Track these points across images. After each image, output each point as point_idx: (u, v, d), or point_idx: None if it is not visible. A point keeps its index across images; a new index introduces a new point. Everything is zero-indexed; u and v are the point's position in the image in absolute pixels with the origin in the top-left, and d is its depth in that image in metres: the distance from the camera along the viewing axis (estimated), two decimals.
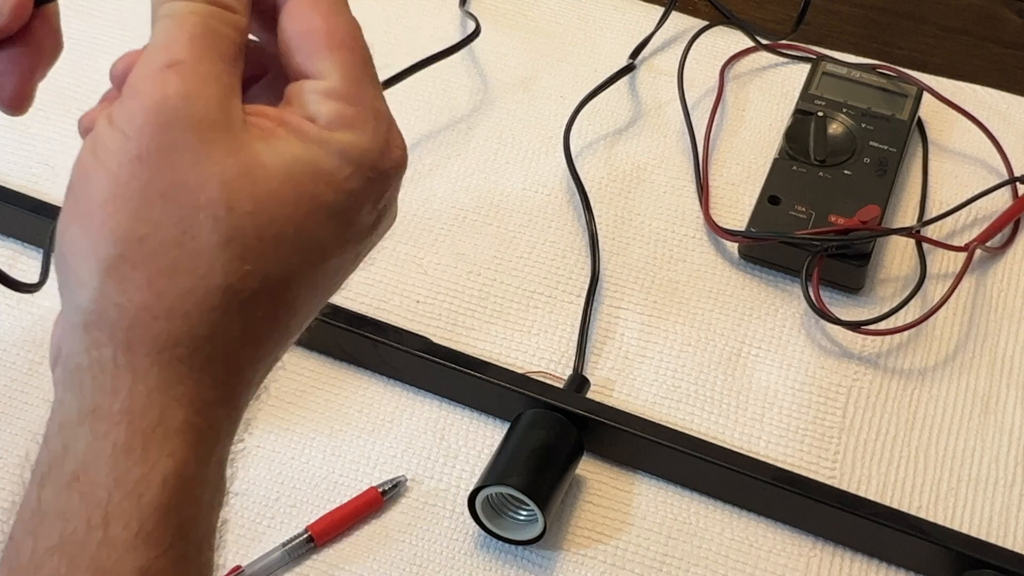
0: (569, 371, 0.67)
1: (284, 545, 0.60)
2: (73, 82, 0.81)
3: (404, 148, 0.37)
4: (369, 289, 0.71)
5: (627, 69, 0.81)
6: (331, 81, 0.35)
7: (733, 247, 0.73)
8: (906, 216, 0.75)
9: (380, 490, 0.61)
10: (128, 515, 0.32)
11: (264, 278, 0.34)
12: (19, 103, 0.41)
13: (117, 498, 0.32)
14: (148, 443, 0.33)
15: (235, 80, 0.35)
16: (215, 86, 0.33)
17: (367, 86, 0.36)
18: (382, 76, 0.38)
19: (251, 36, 0.37)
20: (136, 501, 0.32)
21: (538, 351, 0.68)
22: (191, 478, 0.33)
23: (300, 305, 0.36)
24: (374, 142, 0.35)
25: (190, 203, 0.33)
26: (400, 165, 0.36)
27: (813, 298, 0.68)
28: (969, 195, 0.74)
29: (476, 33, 0.80)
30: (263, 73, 0.40)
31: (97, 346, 0.33)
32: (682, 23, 0.85)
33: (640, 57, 0.82)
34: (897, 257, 0.73)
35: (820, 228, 0.70)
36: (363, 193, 0.35)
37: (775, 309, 0.71)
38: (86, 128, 0.37)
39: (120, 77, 0.37)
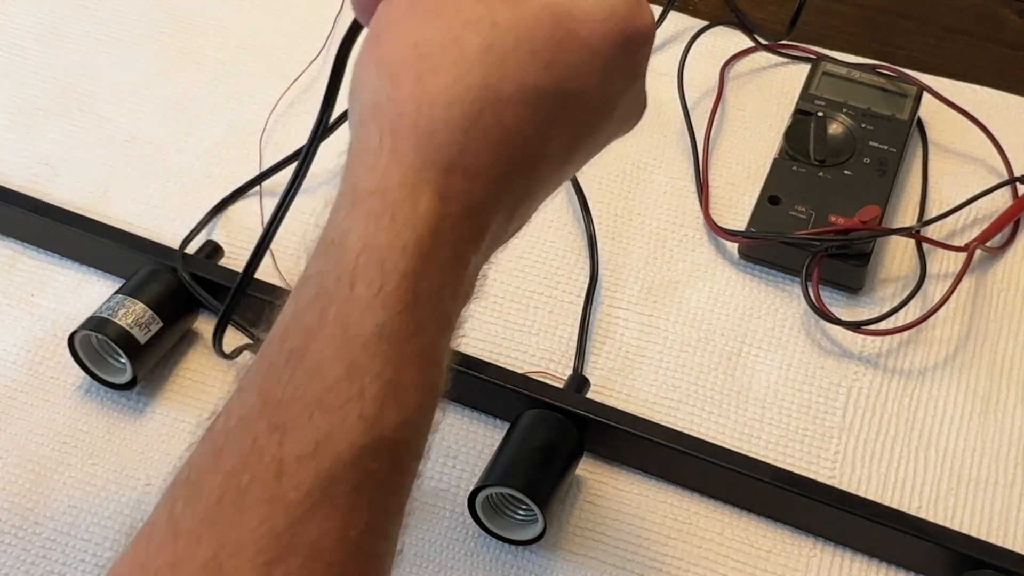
0: (569, 371, 0.67)
1: None
2: (73, 82, 0.81)
3: (653, 18, 0.41)
4: None
5: None
6: None
7: (733, 247, 0.73)
8: (906, 216, 0.75)
9: None
10: (371, 275, 0.36)
11: (519, 85, 0.37)
12: None
13: (363, 260, 0.36)
14: (396, 214, 0.36)
15: None
16: None
17: None
18: None
19: None
20: (380, 265, 0.36)
21: (538, 351, 0.68)
22: (428, 254, 0.37)
23: (557, 128, 0.39)
24: (636, 7, 0.40)
25: (460, 19, 0.38)
26: (648, 31, 0.40)
27: (813, 298, 0.69)
28: (969, 195, 0.74)
29: None
30: None
31: (368, 134, 0.38)
32: (682, 23, 0.85)
33: None
34: (897, 257, 0.73)
35: (820, 228, 0.70)
36: (614, 39, 0.39)
37: (775, 309, 0.71)
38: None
39: None
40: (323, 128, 0.48)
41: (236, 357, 0.65)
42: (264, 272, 0.71)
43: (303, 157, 0.51)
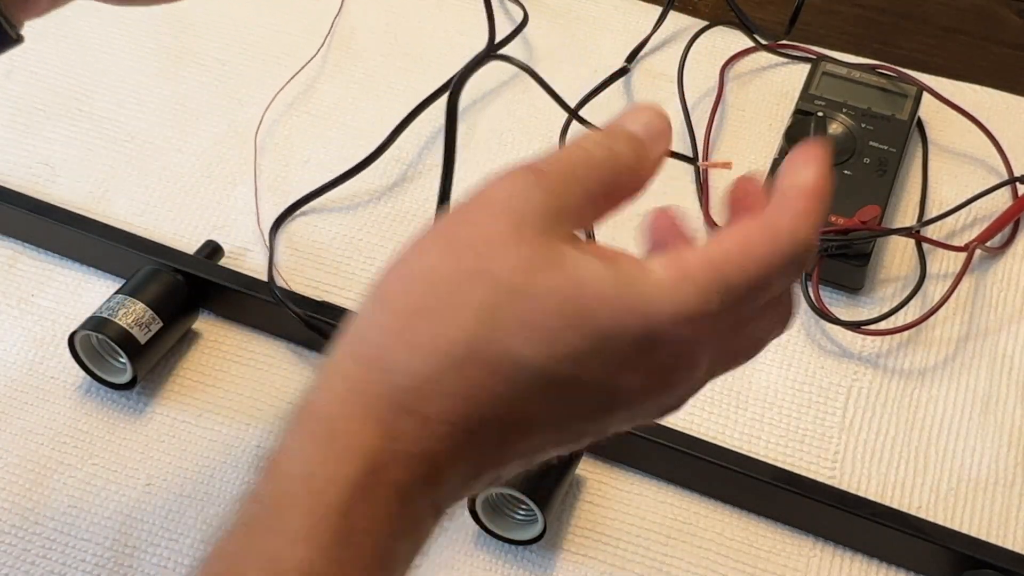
0: None
1: None
2: (73, 82, 0.81)
3: (709, 329, 0.36)
4: None
5: (621, 72, 0.81)
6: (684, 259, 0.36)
7: None
8: (906, 216, 0.75)
9: None
10: (305, 507, 0.34)
11: (500, 352, 0.35)
12: None
13: (299, 489, 0.34)
14: (336, 444, 0.35)
15: (580, 207, 0.37)
16: (544, 195, 0.36)
17: (713, 294, 0.35)
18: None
19: None
20: (316, 496, 0.34)
21: None
22: (367, 491, 0.35)
23: (531, 419, 0.36)
24: (671, 310, 0.35)
25: (473, 267, 0.35)
26: (700, 339, 0.36)
27: (813, 298, 0.69)
28: (969, 195, 0.74)
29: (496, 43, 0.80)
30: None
31: (339, 352, 0.37)
32: (682, 23, 0.85)
33: (639, 57, 0.82)
34: (897, 257, 0.73)
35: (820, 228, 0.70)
36: (634, 341, 0.35)
37: None
38: None
39: None
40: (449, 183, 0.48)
41: None
42: (261, 273, 0.71)
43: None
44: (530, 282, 0.35)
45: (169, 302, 0.66)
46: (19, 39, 0.48)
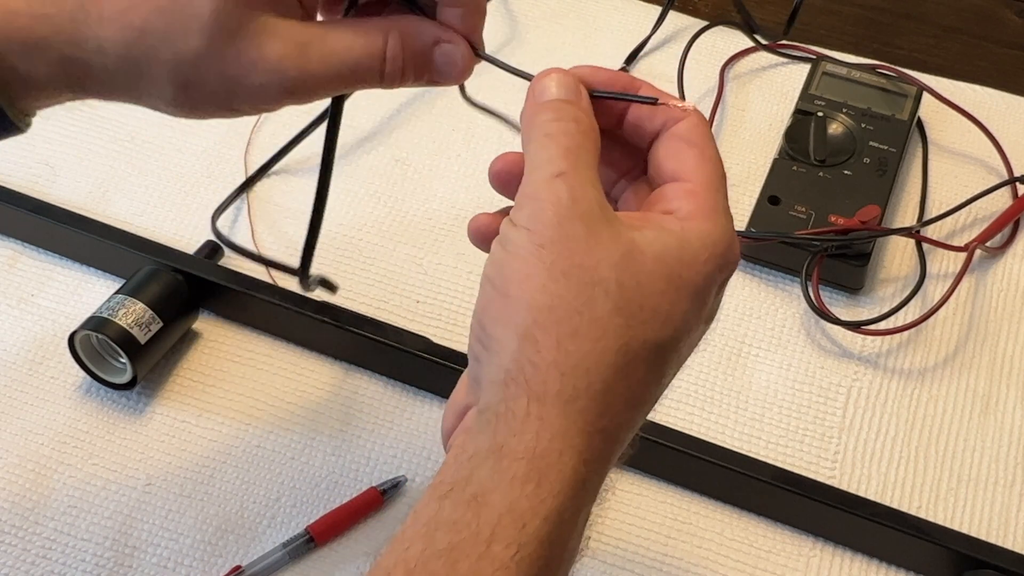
0: None
1: (285, 545, 0.60)
2: None
3: (739, 247, 0.44)
4: (369, 289, 0.71)
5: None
6: (694, 184, 0.42)
7: None
8: (906, 216, 0.75)
9: (380, 490, 0.62)
10: (510, 538, 0.37)
11: (644, 343, 0.40)
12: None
13: (506, 522, 0.37)
14: (541, 481, 0.38)
15: (600, 186, 0.42)
16: (592, 189, 0.41)
17: (720, 193, 0.43)
18: None
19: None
20: (520, 528, 0.37)
21: None
22: (566, 522, 0.39)
23: (667, 372, 0.42)
24: (724, 235, 0.42)
25: (587, 279, 0.39)
26: (738, 259, 0.43)
27: (813, 298, 0.69)
28: (969, 195, 0.74)
29: None
30: None
31: (513, 397, 0.39)
32: (682, 23, 0.85)
33: (639, 57, 0.82)
34: (897, 257, 0.73)
35: (820, 228, 0.70)
36: (714, 276, 0.42)
37: (775, 309, 0.71)
38: (475, 231, 0.46)
39: (499, 174, 0.46)
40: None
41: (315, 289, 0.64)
42: (256, 271, 0.71)
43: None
44: (636, 271, 0.40)
45: (169, 302, 0.66)
46: (26, 128, 0.49)
